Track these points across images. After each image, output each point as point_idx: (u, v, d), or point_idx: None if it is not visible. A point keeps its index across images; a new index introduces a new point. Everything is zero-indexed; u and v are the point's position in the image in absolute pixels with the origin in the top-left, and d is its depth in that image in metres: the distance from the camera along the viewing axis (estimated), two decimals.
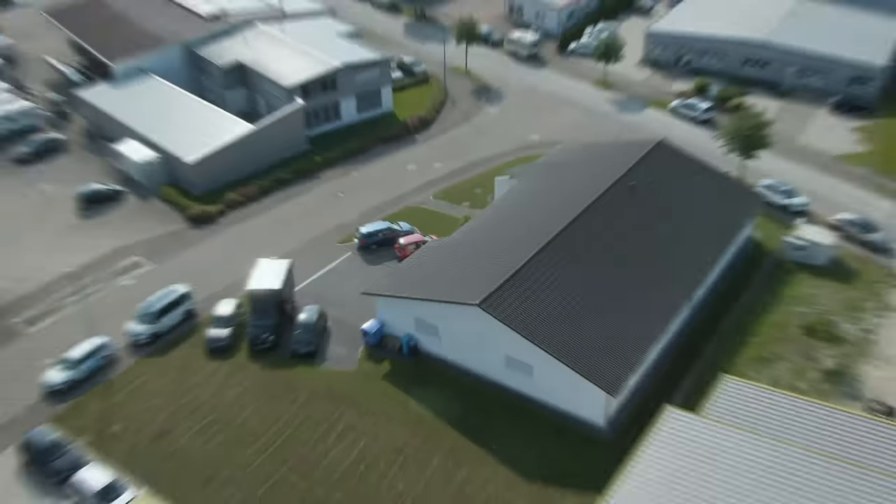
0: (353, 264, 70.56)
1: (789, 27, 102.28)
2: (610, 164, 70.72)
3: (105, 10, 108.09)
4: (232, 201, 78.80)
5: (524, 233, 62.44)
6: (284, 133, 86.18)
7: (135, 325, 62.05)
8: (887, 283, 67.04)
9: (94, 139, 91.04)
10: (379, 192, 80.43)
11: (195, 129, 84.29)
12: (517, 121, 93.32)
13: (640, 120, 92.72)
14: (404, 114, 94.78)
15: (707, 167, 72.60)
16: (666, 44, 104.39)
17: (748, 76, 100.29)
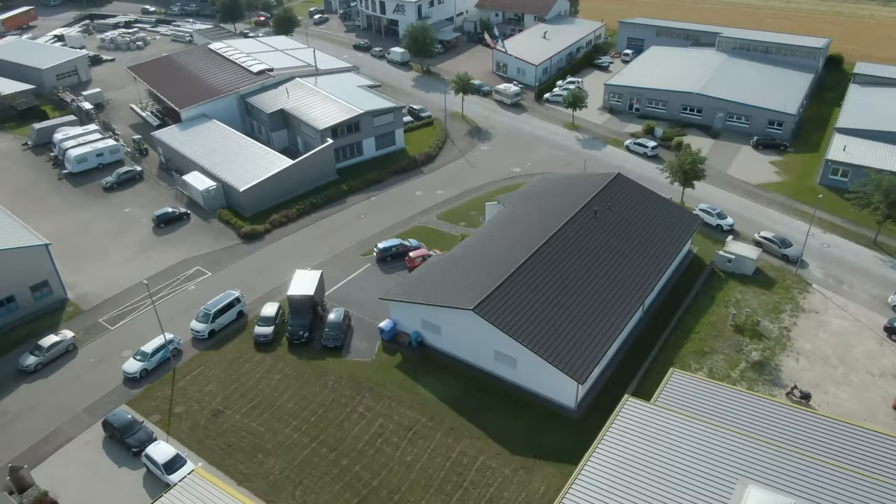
0: (372, 273, 68.50)
1: (718, 81, 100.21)
2: (577, 193, 68.83)
3: (175, 67, 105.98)
4: (276, 221, 76.62)
5: (509, 249, 60.56)
6: (318, 166, 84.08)
7: (196, 323, 60.08)
8: (800, 289, 65.00)
9: (166, 171, 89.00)
10: (393, 214, 78.32)
11: (246, 163, 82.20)
12: (503, 156, 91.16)
13: (602, 155, 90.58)
14: (413, 150, 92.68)
15: (655, 195, 70.59)
16: (620, 94, 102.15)
17: (686, 119, 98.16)
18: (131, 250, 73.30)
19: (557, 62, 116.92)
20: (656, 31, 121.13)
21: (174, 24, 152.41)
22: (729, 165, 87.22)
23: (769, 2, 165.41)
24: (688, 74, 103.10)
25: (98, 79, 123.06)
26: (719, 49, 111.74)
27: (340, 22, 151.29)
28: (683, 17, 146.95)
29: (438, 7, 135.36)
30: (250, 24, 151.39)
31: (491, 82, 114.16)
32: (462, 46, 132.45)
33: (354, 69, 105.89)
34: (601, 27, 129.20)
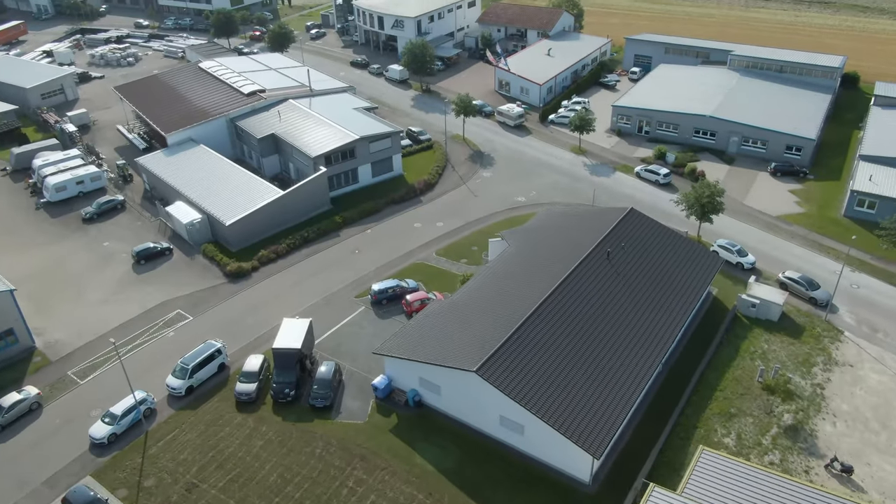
0: (366, 318, 62.81)
1: (732, 102, 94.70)
2: (588, 231, 63.25)
3: (163, 87, 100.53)
4: (264, 257, 71.01)
5: (515, 297, 54.93)
6: (310, 196, 78.52)
7: (172, 379, 54.40)
8: (831, 338, 59.30)
9: (150, 200, 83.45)
10: (390, 249, 72.72)
11: (234, 194, 76.64)
12: (506, 183, 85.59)
13: (611, 182, 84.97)
14: (412, 176, 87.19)
15: (672, 232, 64.96)
16: (629, 116, 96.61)
17: (698, 143, 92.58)
18: (108, 290, 67.69)
19: (562, 80, 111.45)
20: (665, 48, 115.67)
21: (167, 40, 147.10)
22: (746, 194, 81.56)
23: (777, 16, 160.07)
24: (699, 95, 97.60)
25: (86, 97, 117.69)
26: (731, 67, 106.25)
27: (338, 37, 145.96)
28: (689, 31, 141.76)
29: (438, 22, 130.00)
30: (245, 39, 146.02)
31: (493, 101, 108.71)
32: (463, 63, 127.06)
33: (350, 89, 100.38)
34: (607, 43, 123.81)
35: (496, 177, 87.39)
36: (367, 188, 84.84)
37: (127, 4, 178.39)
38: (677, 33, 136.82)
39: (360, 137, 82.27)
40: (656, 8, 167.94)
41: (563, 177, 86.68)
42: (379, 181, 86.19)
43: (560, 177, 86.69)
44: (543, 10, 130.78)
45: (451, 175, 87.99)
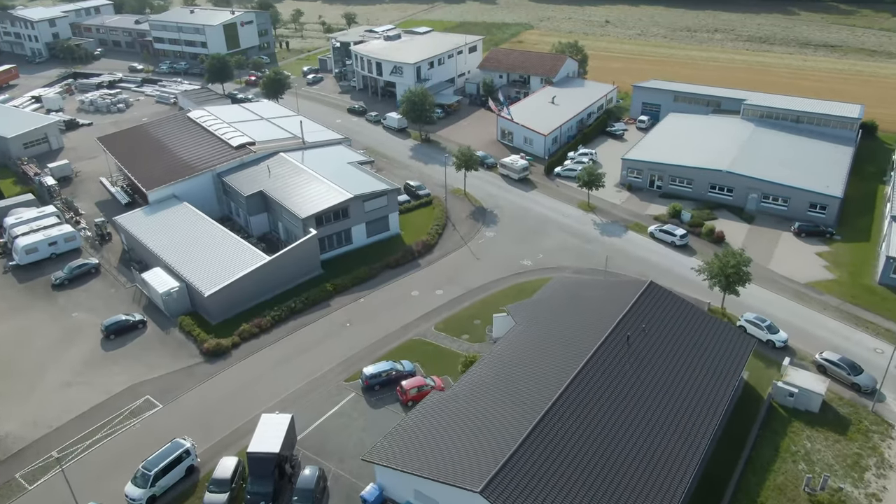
0: (356, 407, 55.50)
1: (748, 156, 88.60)
2: (603, 307, 56.39)
3: (148, 138, 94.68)
4: (245, 332, 63.98)
5: (525, 392, 47.81)
6: (299, 261, 71.84)
7: (132, 488, 46.95)
8: (881, 433, 51.94)
9: (128, 263, 76.74)
10: (384, 322, 65.72)
11: (216, 259, 69.95)
12: (511, 244, 78.95)
13: (624, 244, 78.32)
14: (410, 236, 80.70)
15: (696, 310, 58.01)
16: (640, 170, 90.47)
17: (714, 200, 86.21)
18: (73, 371, 60.56)
19: (567, 130, 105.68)
20: (674, 96, 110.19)
21: (160, 84, 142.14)
22: (770, 258, 74.80)
23: (783, 60, 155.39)
24: (713, 147, 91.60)
25: (72, 145, 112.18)
26: (744, 117, 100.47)
27: (335, 82, 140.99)
28: (695, 76, 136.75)
29: (438, 68, 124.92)
30: (240, 84, 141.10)
31: (495, 152, 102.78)
32: (464, 110, 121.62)
33: (345, 141, 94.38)
34: (613, 90, 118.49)
35: (500, 237, 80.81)
36: (362, 249, 78.28)
37: (122, 48, 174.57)
38: (682, 78, 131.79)
39: (353, 196, 75.93)
40: (659, 52, 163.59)
41: (572, 237, 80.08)
42: (374, 241, 79.66)
43: (569, 237, 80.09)
44: (546, 55, 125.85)
45: (452, 235, 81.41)
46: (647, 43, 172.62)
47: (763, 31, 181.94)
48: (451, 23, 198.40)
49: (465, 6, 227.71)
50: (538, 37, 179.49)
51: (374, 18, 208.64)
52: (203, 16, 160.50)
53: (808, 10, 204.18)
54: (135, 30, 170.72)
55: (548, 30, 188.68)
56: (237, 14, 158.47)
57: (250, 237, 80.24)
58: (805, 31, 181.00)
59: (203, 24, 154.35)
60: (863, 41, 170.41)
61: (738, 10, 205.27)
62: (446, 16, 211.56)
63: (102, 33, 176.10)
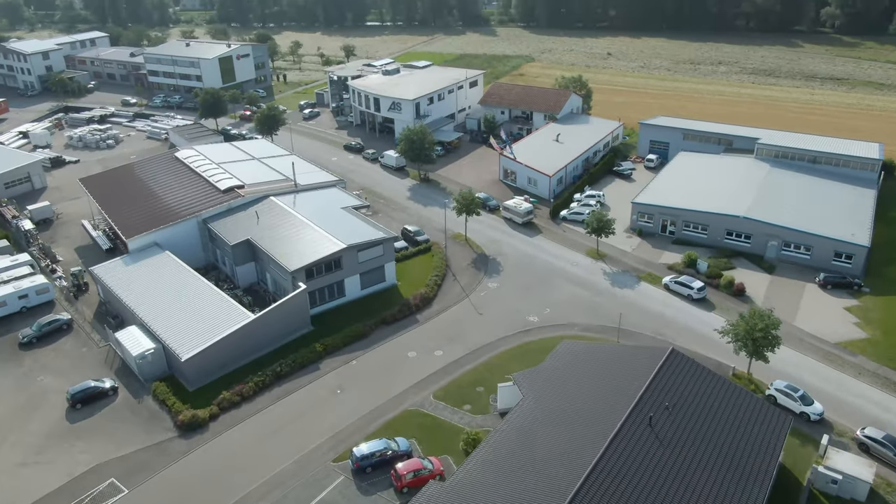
0: (345, 492, 49.13)
1: (766, 199, 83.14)
2: (621, 380, 50.31)
3: (132, 180, 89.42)
4: (225, 401, 57.74)
5: (536, 487, 41.49)
6: (287, 317, 65.90)
7: None
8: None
9: (103, 318, 70.79)
10: (378, 389, 59.54)
11: (197, 317, 63.96)
12: (515, 297, 73.06)
13: (637, 297, 72.41)
14: (407, 288, 74.85)
15: (724, 381, 51.91)
16: (651, 214, 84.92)
17: (731, 247, 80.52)
18: (32, 447, 54.30)
19: (573, 170, 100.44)
20: (683, 133, 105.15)
21: (152, 119, 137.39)
22: (795, 313, 68.84)
23: (791, 94, 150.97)
24: (728, 190, 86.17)
25: (56, 184, 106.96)
26: (758, 157, 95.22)
27: (332, 117, 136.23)
28: (701, 111, 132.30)
29: (438, 104, 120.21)
30: (235, 119, 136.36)
31: (497, 192, 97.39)
32: (464, 147, 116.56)
33: (339, 183, 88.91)
34: (619, 127, 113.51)
35: (504, 288, 74.95)
36: (356, 302, 72.40)
37: (117, 80, 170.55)
38: (688, 113, 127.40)
39: (347, 246, 70.23)
40: (663, 85, 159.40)
41: (581, 288, 74.20)
42: (369, 293, 73.77)
43: (577, 288, 74.22)
44: (550, 91, 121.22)
45: (452, 286, 75.55)
46: (650, 76, 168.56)
47: (767, 63, 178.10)
48: (451, 55, 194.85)
49: (466, 38, 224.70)
50: (539, 69, 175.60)
51: (373, 51, 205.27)
52: (198, 49, 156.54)
53: (812, 42, 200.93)
54: (129, 62, 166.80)
55: (549, 62, 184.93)
56: (233, 47, 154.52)
57: (236, 289, 74.46)
58: (810, 63, 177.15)
59: (198, 57, 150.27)
60: (869, 74, 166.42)
61: (741, 42, 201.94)
62: (446, 48, 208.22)
63: (97, 66, 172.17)
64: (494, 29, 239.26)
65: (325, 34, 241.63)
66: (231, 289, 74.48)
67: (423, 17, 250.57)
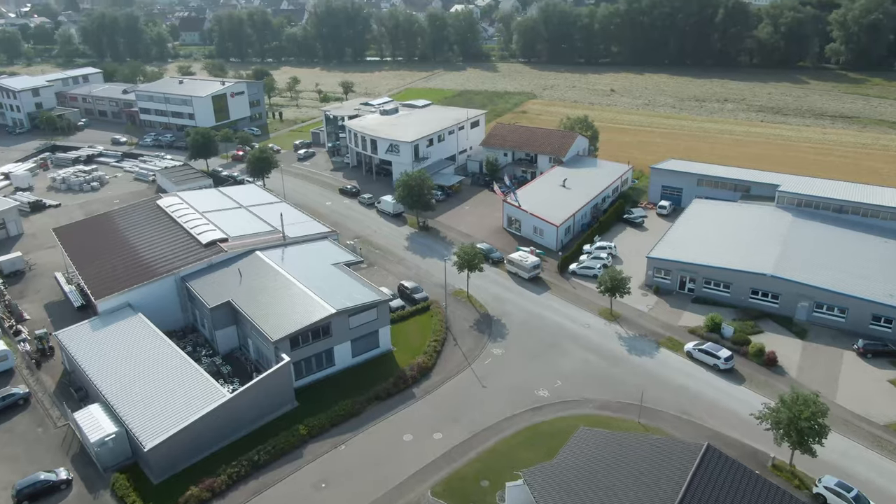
0: None
1: (793, 254, 76.21)
2: (649, 486, 42.68)
3: (108, 231, 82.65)
4: (193, 498, 49.97)
5: None
6: (267, 394, 58.41)
7: None
8: None
9: (65, 391, 63.32)
10: (369, 482, 51.81)
11: (166, 396, 56.41)
12: (522, 365, 65.66)
13: (657, 367, 64.99)
14: (404, 352, 67.61)
15: (768, 484, 44.26)
16: (668, 270, 77.91)
17: (757, 307, 73.39)
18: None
19: (581, 218, 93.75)
20: (697, 179, 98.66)
21: (141, 159, 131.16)
22: (835, 387, 61.39)
23: (802, 133, 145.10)
24: (750, 243, 79.32)
25: (33, 231, 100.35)
26: (779, 205, 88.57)
27: (328, 158, 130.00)
28: (711, 151, 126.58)
29: (438, 146, 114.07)
30: (226, 159, 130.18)
31: (501, 242, 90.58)
32: (465, 191, 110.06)
33: (332, 235, 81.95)
34: (628, 171, 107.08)
35: (509, 354, 67.57)
36: (347, 372, 65.01)
37: (109, 118, 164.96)
38: (698, 153, 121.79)
39: (337, 311, 63.00)
40: (669, 123, 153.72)
41: (595, 356, 66.81)
42: (361, 361, 66.38)
43: (591, 355, 66.83)
44: (555, 132, 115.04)
45: (453, 352, 68.17)
46: (655, 114, 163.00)
47: (774, 100, 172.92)
48: (451, 91, 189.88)
49: (466, 74, 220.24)
50: (542, 107, 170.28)
51: (372, 87, 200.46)
52: (192, 86, 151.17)
53: (818, 78, 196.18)
54: (121, 100, 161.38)
55: (551, 99, 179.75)
56: (227, 85, 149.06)
57: (215, 356, 67.13)
58: (818, 100, 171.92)
59: (191, 95, 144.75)
60: (880, 112, 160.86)
61: (746, 78, 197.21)
62: (446, 84, 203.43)
63: (89, 103, 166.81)
64: (495, 65, 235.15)
65: (324, 69, 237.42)
66: (209, 355, 67.21)
67: (424, 53, 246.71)
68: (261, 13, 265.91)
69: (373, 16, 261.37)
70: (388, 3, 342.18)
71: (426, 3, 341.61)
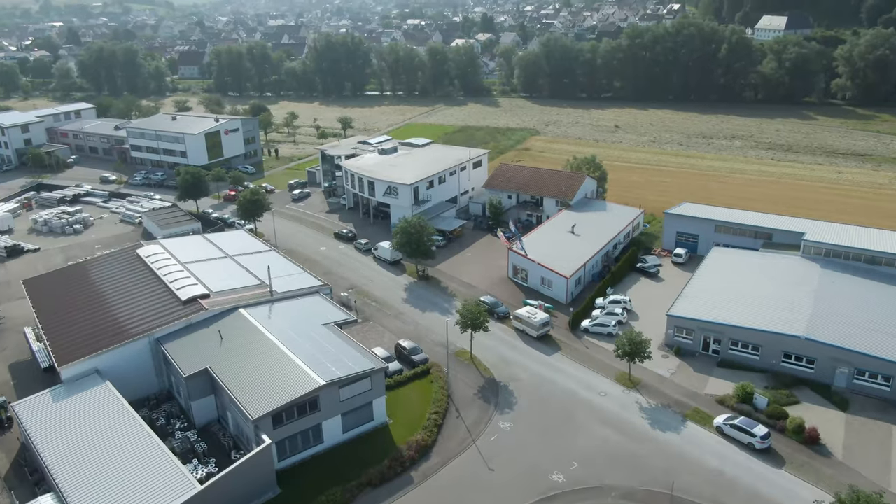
0: None
1: (827, 312, 69.27)
2: None
3: (82, 284, 75.83)
4: None
5: None
6: (244, 483, 50.91)
7: None
8: None
9: (19, 472, 55.76)
10: None
11: (128, 488, 48.79)
12: (533, 443, 58.25)
13: (684, 445, 57.56)
14: (401, 425, 60.45)
15: None
16: (690, 329, 70.88)
17: (789, 371, 66.23)
18: None
19: (592, 267, 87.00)
20: (714, 225, 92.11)
21: (129, 199, 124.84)
22: (887, 471, 53.91)
23: (815, 172, 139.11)
24: (779, 299, 72.45)
25: (7, 279, 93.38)
26: (805, 255, 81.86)
27: (323, 198, 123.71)
28: (724, 192, 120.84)
29: (439, 188, 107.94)
30: (218, 199, 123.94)
31: (506, 293, 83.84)
32: (468, 235, 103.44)
33: (324, 290, 75.00)
34: (640, 215, 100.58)
35: (519, 429, 60.18)
36: (336, 450, 57.64)
37: (100, 154, 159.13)
38: (709, 193, 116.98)
39: (326, 383, 55.80)
40: (678, 161, 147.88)
41: (615, 431, 59.40)
42: (353, 436, 59.01)
43: (610, 431, 59.43)
44: (562, 174, 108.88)
45: (456, 426, 60.79)
46: (662, 151, 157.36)
47: (783, 137, 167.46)
48: (451, 127, 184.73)
49: (467, 109, 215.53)
50: (545, 144, 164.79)
51: (371, 122, 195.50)
52: (184, 123, 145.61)
53: (825, 114, 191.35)
54: (113, 136, 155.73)
55: (555, 136, 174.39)
56: (221, 122, 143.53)
57: (189, 430, 59.72)
58: (828, 137, 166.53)
59: (183, 132, 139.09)
60: (893, 150, 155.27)
61: (752, 114, 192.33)
62: (447, 119, 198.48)
63: (80, 139, 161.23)
64: (497, 99, 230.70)
65: (323, 104, 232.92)
66: (184, 429, 59.81)
67: (424, 88, 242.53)
68: (260, 47, 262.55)
69: (373, 50, 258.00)
70: (388, 38, 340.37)
71: (427, 37, 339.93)
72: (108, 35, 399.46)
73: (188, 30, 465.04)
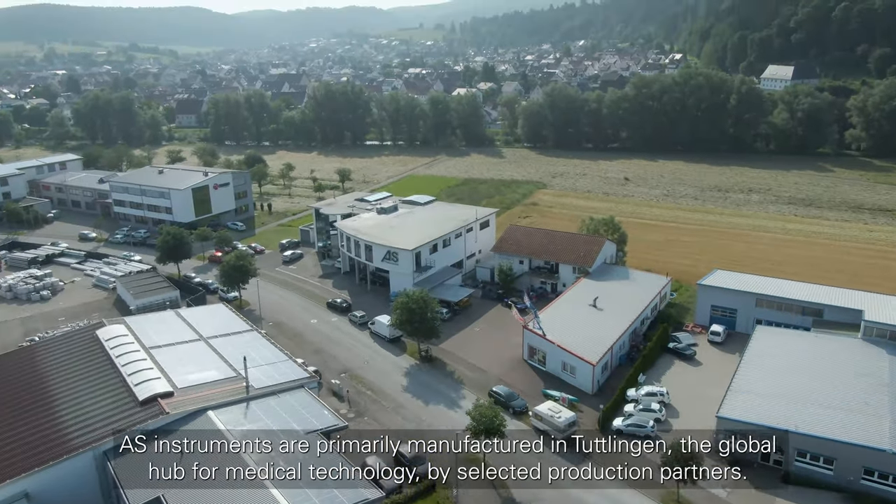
0: None
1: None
2: None
3: (26, 375, 63.95)
4: None
5: None
6: None
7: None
8: None
9: None
10: None
11: None
12: None
13: None
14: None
15: None
16: (744, 434, 58.65)
17: (874, 493, 54.01)
18: None
19: (619, 348, 75.27)
20: (755, 299, 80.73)
21: (106, 260, 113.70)
22: None
23: (844, 230, 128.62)
24: (849, 398, 60.59)
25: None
26: (867, 338, 70.34)
27: (317, 260, 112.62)
28: (750, 252, 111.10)
29: (443, 252, 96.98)
30: (203, 261, 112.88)
31: (522, 380, 72.08)
32: (476, 306, 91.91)
33: (310, 384, 63.06)
34: (667, 284, 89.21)
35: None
36: None
37: (82, 209, 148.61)
38: (734, 255, 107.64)
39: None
40: (696, 217, 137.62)
41: None
42: None
43: None
44: (578, 237, 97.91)
45: None
46: (678, 206, 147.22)
47: (803, 191, 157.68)
48: (454, 179, 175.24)
49: (470, 160, 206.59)
50: (553, 198, 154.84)
51: (371, 174, 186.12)
52: (171, 177, 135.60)
53: (841, 165, 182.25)
54: (97, 189, 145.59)
55: (563, 189, 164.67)
56: (210, 176, 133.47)
57: None
58: (850, 191, 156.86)
59: (168, 187, 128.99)
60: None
61: (765, 166, 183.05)
62: (450, 171, 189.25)
63: (62, 192, 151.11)
64: (500, 149, 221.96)
65: (322, 154, 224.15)
66: None
67: (425, 137, 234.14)
68: (258, 95, 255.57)
69: (373, 99, 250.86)
70: (389, 86, 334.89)
71: (428, 86, 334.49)
72: (109, 83, 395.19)
73: (190, 78, 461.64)
